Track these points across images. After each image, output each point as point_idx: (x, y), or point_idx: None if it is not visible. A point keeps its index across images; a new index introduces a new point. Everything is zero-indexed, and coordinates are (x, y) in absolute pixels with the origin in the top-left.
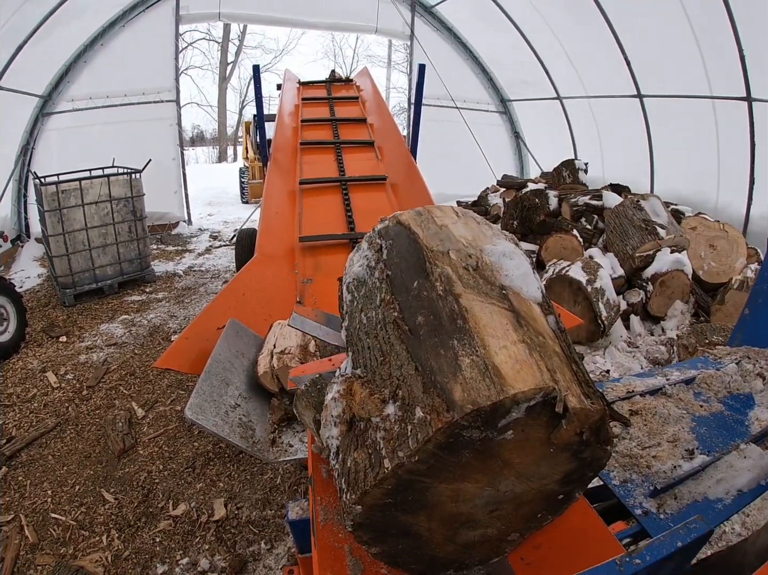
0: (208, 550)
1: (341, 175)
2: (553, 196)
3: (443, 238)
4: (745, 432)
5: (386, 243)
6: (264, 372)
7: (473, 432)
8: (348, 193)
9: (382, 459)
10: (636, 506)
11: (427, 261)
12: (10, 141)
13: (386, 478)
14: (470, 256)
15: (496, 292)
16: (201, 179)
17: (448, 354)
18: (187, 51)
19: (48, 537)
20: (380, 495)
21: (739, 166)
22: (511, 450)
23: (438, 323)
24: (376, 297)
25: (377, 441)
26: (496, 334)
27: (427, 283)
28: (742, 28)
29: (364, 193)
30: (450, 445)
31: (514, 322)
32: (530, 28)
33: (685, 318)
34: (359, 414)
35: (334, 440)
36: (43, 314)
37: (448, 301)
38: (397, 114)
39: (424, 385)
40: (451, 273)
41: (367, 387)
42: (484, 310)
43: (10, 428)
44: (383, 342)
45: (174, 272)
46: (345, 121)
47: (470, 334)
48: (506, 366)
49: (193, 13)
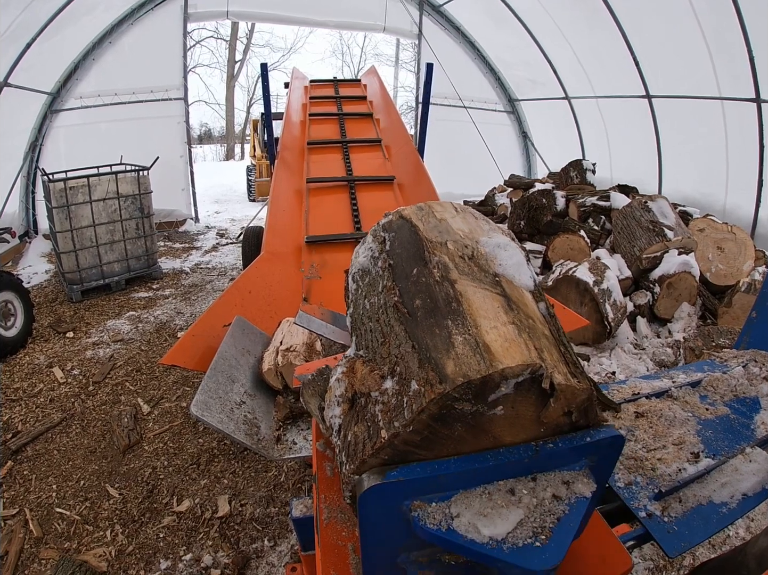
0: (212, 546)
1: (348, 174)
2: (560, 197)
3: (442, 230)
4: (751, 436)
5: (389, 235)
6: (268, 369)
7: (464, 405)
8: (355, 192)
9: (379, 430)
10: (640, 509)
11: (426, 250)
12: (19, 138)
13: (383, 448)
14: (466, 247)
15: (489, 279)
16: (208, 177)
17: (443, 334)
18: (195, 49)
19: (52, 531)
20: (377, 464)
21: (747, 167)
22: (502, 427)
23: (434, 306)
24: (379, 285)
25: (375, 414)
26: (488, 316)
27: (426, 270)
28: (752, 29)
29: (372, 193)
30: (443, 417)
31: (505, 306)
32: (538, 27)
33: (692, 320)
34: (360, 389)
35: (336, 419)
36: (50, 310)
37: (444, 286)
38: (405, 113)
39: (419, 361)
40: (447, 261)
41: (367, 365)
42: (477, 294)
43: (16, 422)
44: (384, 324)
45: (181, 269)
46: (352, 116)
47: (463, 316)
48: (496, 344)
49: (201, 11)
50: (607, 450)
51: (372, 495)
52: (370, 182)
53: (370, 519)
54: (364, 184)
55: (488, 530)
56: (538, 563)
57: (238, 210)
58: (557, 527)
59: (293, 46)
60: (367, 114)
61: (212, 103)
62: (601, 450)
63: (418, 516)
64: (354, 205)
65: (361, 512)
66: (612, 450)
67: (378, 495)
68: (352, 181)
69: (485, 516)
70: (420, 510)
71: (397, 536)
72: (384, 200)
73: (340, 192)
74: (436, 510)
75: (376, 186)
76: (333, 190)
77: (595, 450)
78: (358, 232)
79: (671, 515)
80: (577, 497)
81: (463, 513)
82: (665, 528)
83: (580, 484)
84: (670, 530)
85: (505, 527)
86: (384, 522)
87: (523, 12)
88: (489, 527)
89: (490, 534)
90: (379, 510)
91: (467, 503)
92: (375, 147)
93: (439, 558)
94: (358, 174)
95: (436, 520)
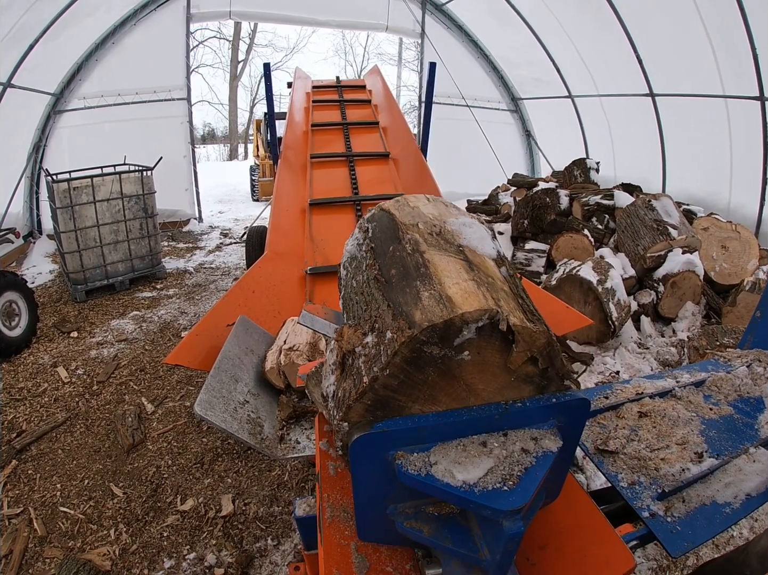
0: (215, 545)
1: (353, 183)
2: (564, 195)
3: (414, 215)
4: (755, 436)
5: (372, 225)
6: (270, 368)
7: (433, 349)
8: (361, 210)
9: (362, 377)
10: (643, 508)
11: (400, 230)
12: (23, 138)
13: (365, 392)
14: (435, 226)
15: (453, 249)
16: (212, 177)
17: (412, 292)
18: (198, 49)
19: (56, 530)
20: (362, 410)
21: (752, 166)
22: (472, 373)
23: (406, 272)
24: (363, 265)
25: (359, 366)
26: (451, 275)
27: (400, 246)
28: (756, 27)
29: (376, 202)
30: (415, 360)
31: (466, 267)
32: (542, 26)
33: (696, 319)
34: (346, 348)
35: (331, 386)
36: (55, 310)
37: (415, 257)
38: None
39: (393, 315)
40: (418, 237)
41: (352, 327)
42: (442, 260)
43: (21, 422)
44: (367, 295)
45: (185, 269)
46: (357, 125)
47: (430, 277)
48: (457, 296)
49: (204, 11)
50: (575, 412)
51: (361, 444)
52: (376, 199)
53: (361, 467)
54: (370, 202)
55: (462, 475)
56: (505, 504)
57: (241, 210)
58: (524, 476)
59: (296, 46)
60: (374, 123)
61: (215, 103)
62: (569, 411)
63: (401, 463)
64: (358, 210)
65: (352, 460)
66: (579, 412)
67: (366, 444)
68: (358, 201)
69: (460, 464)
70: (403, 458)
71: (384, 483)
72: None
73: (344, 212)
74: (417, 458)
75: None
76: (338, 209)
77: (563, 411)
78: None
79: (674, 515)
80: (544, 451)
81: (441, 461)
82: (668, 528)
83: (547, 440)
84: (673, 530)
85: (476, 473)
86: (372, 469)
87: (526, 11)
88: (462, 473)
89: (464, 479)
90: (367, 458)
91: (444, 453)
92: (383, 161)
93: (423, 510)
94: (363, 188)
95: (417, 467)
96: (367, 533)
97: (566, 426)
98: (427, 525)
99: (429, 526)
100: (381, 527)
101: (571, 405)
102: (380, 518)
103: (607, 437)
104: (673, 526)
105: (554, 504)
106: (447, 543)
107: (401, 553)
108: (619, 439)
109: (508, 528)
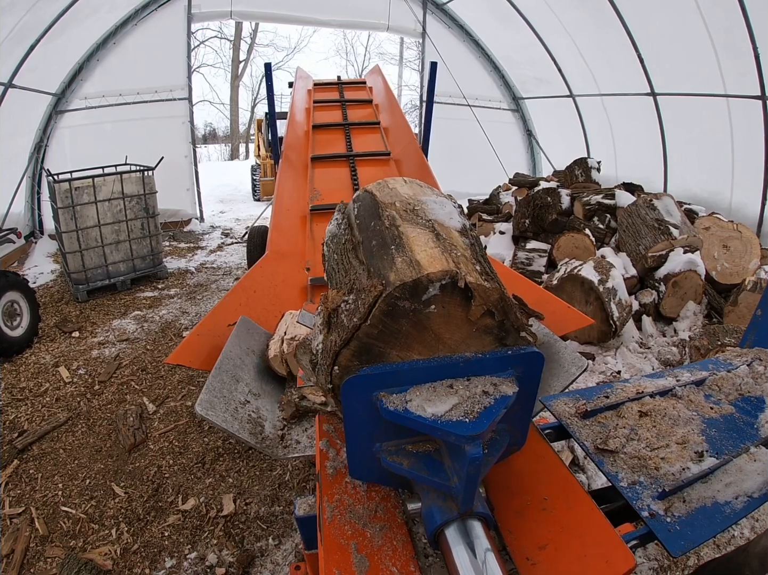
0: (216, 545)
1: (354, 183)
2: (565, 195)
3: (392, 195)
4: (756, 435)
5: (356, 205)
6: (274, 356)
7: (405, 303)
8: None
9: (345, 327)
10: (643, 508)
11: (380, 208)
12: (24, 138)
13: (350, 340)
14: (409, 203)
15: (424, 222)
16: (213, 176)
17: (389, 258)
18: (199, 49)
19: (58, 529)
20: (349, 355)
21: (753, 165)
22: (440, 324)
23: (383, 242)
24: (343, 239)
25: (342, 320)
26: (420, 244)
27: (379, 222)
28: (757, 26)
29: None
30: (390, 312)
31: (434, 238)
32: (543, 25)
33: (697, 319)
34: (331, 307)
35: (320, 344)
36: (56, 309)
37: (392, 230)
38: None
39: (368, 275)
40: (395, 214)
41: (335, 290)
42: (414, 231)
43: (23, 421)
44: (346, 263)
45: (186, 269)
46: (359, 125)
47: (404, 246)
48: (424, 260)
49: (205, 11)
50: (529, 364)
51: (350, 385)
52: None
53: (350, 405)
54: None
55: (431, 409)
56: (465, 430)
57: (242, 209)
58: (483, 412)
59: (297, 46)
60: (375, 123)
61: (217, 103)
62: (524, 362)
63: (383, 401)
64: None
65: (343, 399)
66: (533, 364)
67: (354, 385)
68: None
69: (430, 401)
70: (384, 398)
71: (370, 421)
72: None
73: (344, 195)
74: (396, 398)
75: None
76: (338, 193)
77: (519, 362)
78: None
79: (675, 515)
80: (501, 394)
81: (414, 399)
82: (668, 527)
83: (505, 386)
84: (673, 530)
85: (443, 407)
86: (361, 408)
87: (527, 10)
88: (432, 407)
89: (433, 412)
90: (355, 397)
91: (418, 393)
92: (383, 160)
93: (404, 448)
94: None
95: (396, 404)
96: (357, 470)
97: (523, 376)
98: (406, 460)
99: (408, 460)
100: (369, 465)
101: (525, 357)
102: (368, 456)
103: (607, 436)
104: (673, 526)
105: (554, 504)
106: (423, 473)
107: (401, 553)
108: (620, 438)
109: (469, 453)
